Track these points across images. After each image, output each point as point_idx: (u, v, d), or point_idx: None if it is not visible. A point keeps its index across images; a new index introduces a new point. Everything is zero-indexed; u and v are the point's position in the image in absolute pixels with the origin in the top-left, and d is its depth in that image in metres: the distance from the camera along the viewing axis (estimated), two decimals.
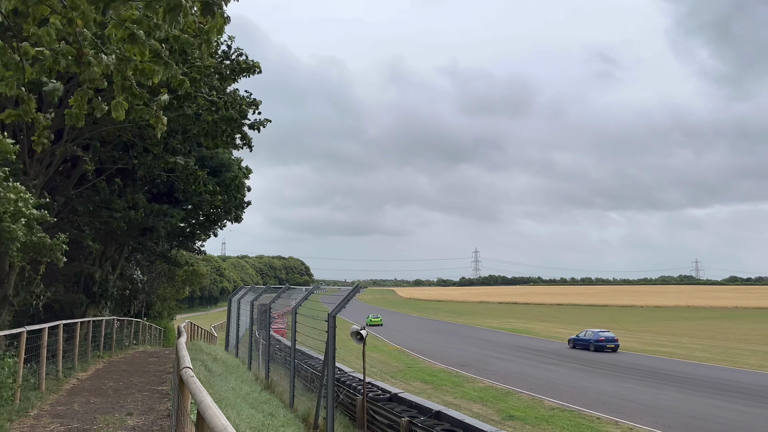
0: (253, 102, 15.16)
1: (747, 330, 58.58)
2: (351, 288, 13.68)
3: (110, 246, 19.17)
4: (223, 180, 17.37)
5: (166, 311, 37.62)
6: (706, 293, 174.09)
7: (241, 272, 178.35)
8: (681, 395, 22.34)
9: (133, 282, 24.36)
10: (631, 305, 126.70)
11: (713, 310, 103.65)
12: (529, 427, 17.37)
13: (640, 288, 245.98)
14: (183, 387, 4.29)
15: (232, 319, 26.82)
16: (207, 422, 2.71)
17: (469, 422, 12.70)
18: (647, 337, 52.18)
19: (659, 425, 17.18)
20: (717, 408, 19.80)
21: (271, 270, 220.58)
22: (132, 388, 11.72)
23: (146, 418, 8.71)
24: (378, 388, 17.78)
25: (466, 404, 20.89)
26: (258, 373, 19.83)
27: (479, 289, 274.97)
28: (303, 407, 15.22)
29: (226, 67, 13.53)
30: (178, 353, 6.26)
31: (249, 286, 26.29)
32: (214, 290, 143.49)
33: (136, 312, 29.60)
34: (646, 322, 74.89)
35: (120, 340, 20.89)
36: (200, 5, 3.61)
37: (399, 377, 27.90)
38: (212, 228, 20.91)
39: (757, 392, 22.94)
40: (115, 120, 4.41)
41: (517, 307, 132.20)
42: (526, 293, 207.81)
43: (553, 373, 29.07)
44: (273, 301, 19.04)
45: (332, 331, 12.80)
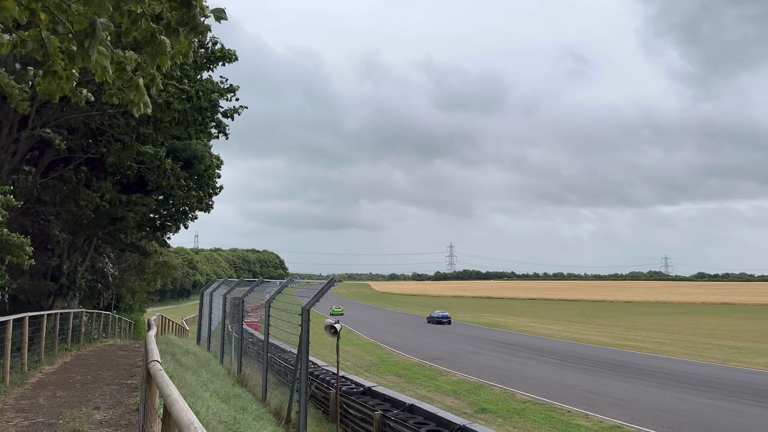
0: (229, 88, 14.87)
1: (714, 325, 60.02)
2: (326, 281, 13.60)
3: (79, 237, 18.74)
4: (195, 171, 17.06)
5: (136, 304, 37.04)
6: (675, 289, 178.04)
7: (214, 265, 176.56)
8: (649, 389, 22.77)
9: (103, 274, 23.89)
10: (602, 300, 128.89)
11: (682, 306, 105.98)
12: (501, 420, 17.53)
13: (610, 283, 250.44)
14: (150, 381, 4.19)
15: (204, 312, 26.51)
16: (173, 417, 2.64)
17: (442, 415, 12.75)
18: (617, 331, 53.11)
19: (628, 418, 17.49)
20: (683, 401, 20.24)
21: (245, 263, 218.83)
22: (100, 382, 11.49)
23: (114, 412, 8.54)
24: (352, 382, 17.76)
25: (440, 397, 21.00)
26: (230, 367, 19.64)
27: (454, 284, 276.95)
28: (276, 401, 15.12)
29: (202, 56, 13.27)
30: (147, 346, 6.13)
31: (222, 279, 26.02)
32: (186, 283, 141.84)
33: (105, 305, 29.07)
34: (616, 316, 76.23)
35: (89, 333, 20.48)
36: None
37: (373, 371, 27.92)
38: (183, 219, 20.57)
39: (722, 385, 23.51)
40: (82, 107, 4.20)
41: (491, 302, 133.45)
42: (499, 288, 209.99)
43: (525, 366, 29.39)
44: (246, 294, 18.85)
45: (306, 324, 12.70)
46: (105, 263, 23.74)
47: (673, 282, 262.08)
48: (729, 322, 64.56)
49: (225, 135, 14.69)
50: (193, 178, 17.89)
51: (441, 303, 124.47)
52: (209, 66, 13.07)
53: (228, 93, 14.29)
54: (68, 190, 14.65)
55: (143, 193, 16.84)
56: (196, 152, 16.34)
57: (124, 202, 15.72)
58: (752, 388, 22.81)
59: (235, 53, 13.56)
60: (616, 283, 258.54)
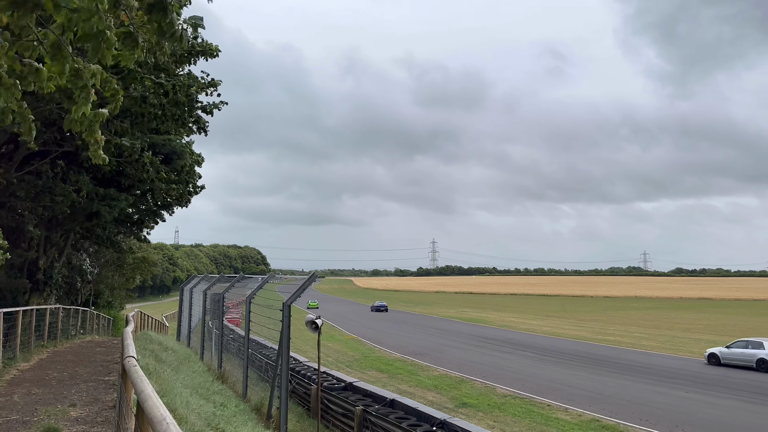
0: (211, 83, 14.61)
1: (691, 319, 61.02)
2: (307, 277, 13.53)
3: (55, 232, 18.44)
4: (175, 167, 16.83)
5: (116, 300, 36.59)
6: (654, 284, 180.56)
7: (194, 261, 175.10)
8: (627, 382, 23.08)
9: (80, 270, 23.53)
10: (582, 295, 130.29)
11: (660, 301, 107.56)
12: (482, 414, 17.64)
13: (590, 278, 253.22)
14: (126, 377, 4.13)
15: (185, 308, 26.28)
16: (146, 412, 2.59)
17: (423, 410, 12.80)
18: (596, 326, 53.73)
19: (606, 411, 17.71)
20: (660, 394, 20.54)
21: (226, 259, 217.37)
22: (77, 379, 11.32)
23: (90, 409, 8.42)
24: (333, 378, 17.74)
25: (421, 392, 21.07)
26: (211, 363, 19.50)
27: (436, 279, 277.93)
28: (256, 397, 15.05)
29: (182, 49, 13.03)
30: (123, 342, 6.05)
31: (202, 275, 25.78)
32: (166, 279, 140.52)
33: (83, 301, 28.66)
34: (595, 311, 77.11)
35: (66, 329, 20.18)
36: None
37: (355, 366, 27.92)
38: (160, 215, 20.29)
39: (698, 379, 23.91)
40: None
41: (473, 297, 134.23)
42: (481, 283, 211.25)
43: (505, 361, 29.61)
44: (226, 290, 18.71)
45: (287, 320, 12.64)
46: (82, 259, 23.40)
47: (651, 277, 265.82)
48: (706, 316, 65.68)
49: (204, 132, 14.45)
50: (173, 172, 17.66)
51: (423, 298, 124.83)
52: (190, 60, 12.85)
53: (209, 88, 14.07)
54: (43, 185, 14.37)
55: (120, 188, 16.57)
56: (175, 148, 16.12)
57: (100, 196, 15.45)
58: (727, 382, 23.23)
59: (217, 48, 13.30)
60: (595, 278, 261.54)
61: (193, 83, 13.03)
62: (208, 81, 13.71)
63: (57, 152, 15.72)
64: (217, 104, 13.96)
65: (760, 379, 23.94)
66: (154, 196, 18.96)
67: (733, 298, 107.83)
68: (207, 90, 13.94)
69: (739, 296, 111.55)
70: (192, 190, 18.63)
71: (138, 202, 19.09)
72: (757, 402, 19.16)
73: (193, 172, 18.19)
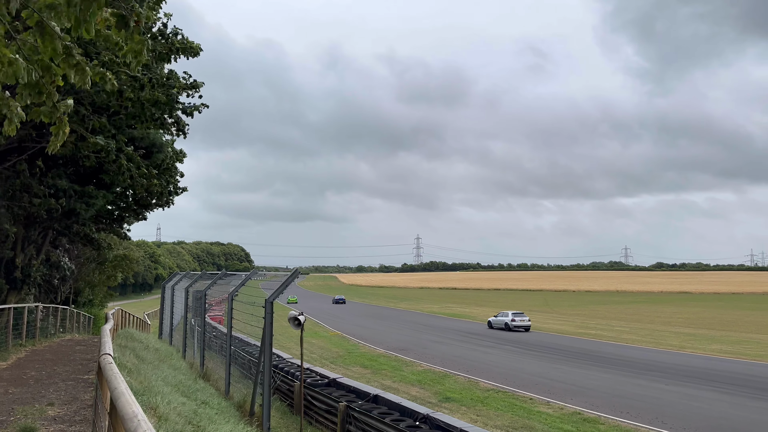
0: (192, 84, 14.40)
1: (671, 313, 61.88)
2: (290, 273, 13.48)
3: (33, 230, 18.16)
4: (155, 161, 16.60)
5: (96, 298, 36.19)
6: (635, 278, 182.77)
7: (177, 258, 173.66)
8: (608, 375, 23.35)
9: (59, 268, 23.21)
10: (564, 290, 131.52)
11: (641, 295, 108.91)
12: (465, 408, 17.73)
13: (572, 273, 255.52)
14: (101, 375, 4.08)
15: (166, 306, 26.09)
16: (118, 410, 2.56)
17: (406, 405, 12.82)
18: (578, 320, 54.29)
19: (588, 404, 17.90)
20: (640, 387, 20.81)
21: (210, 256, 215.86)
22: (55, 378, 11.18)
23: (69, 408, 8.32)
24: (317, 374, 17.71)
25: (405, 387, 21.12)
26: (193, 361, 19.37)
27: (421, 275, 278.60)
28: (239, 395, 14.98)
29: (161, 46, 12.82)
30: (101, 340, 5.97)
31: (184, 273, 25.59)
32: (148, 277, 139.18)
33: (63, 299, 28.29)
34: (577, 305, 77.90)
35: (45, 328, 19.91)
36: (114, 20, 3.27)
37: (339, 363, 27.91)
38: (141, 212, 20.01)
39: (677, 371, 24.26)
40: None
41: (457, 293, 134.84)
42: (465, 279, 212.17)
43: (489, 355, 29.79)
44: (208, 287, 18.59)
45: (269, 317, 12.59)
46: (61, 256, 23.08)
47: (632, 272, 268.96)
48: (685, 310, 66.65)
49: (184, 134, 14.23)
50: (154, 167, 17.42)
51: (408, 294, 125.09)
52: (170, 57, 12.63)
53: (191, 89, 13.86)
54: (20, 183, 14.08)
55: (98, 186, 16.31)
56: (155, 141, 15.88)
57: (78, 194, 15.19)
58: (706, 374, 23.61)
59: (199, 46, 13.04)
60: (577, 273, 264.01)
61: (174, 83, 12.82)
62: (190, 82, 13.50)
63: (35, 148, 15.45)
64: (197, 106, 13.76)
65: (734, 370, 24.32)
66: (134, 192, 18.71)
67: (712, 292, 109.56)
68: (189, 91, 13.73)
69: (718, 290, 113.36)
70: (173, 189, 18.39)
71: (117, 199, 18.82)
72: (737, 394, 19.48)
73: (174, 169, 17.95)
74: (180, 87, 13.65)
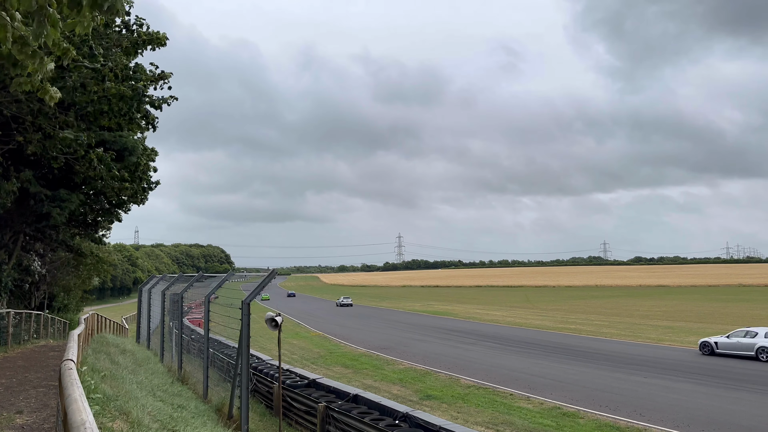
0: (161, 75, 14.08)
1: (649, 306, 62.70)
2: (266, 274, 13.33)
3: (3, 234, 17.74)
4: (127, 164, 16.30)
5: (72, 303, 35.51)
6: (613, 273, 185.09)
7: (156, 261, 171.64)
8: (587, 369, 23.54)
9: (30, 273, 22.73)
10: (545, 285, 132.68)
11: (619, 289, 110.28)
12: (446, 405, 17.73)
13: (552, 269, 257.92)
14: (60, 381, 3.95)
15: (143, 309, 25.69)
16: (68, 417, 2.45)
17: (385, 404, 12.77)
18: (558, 315, 54.74)
19: (567, 399, 18.01)
20: (619, 380, 21.01)
21: (189, 258, 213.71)
22: (26, 385, 10.91)
23: (38, 415, 8.11)
24: (296, 375, 17.57)
25: (386, 386, 21.07)
26: (171, 365, 19.08)
27: (402, 274, 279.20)
28: (217, 398, 14.78)
29: (128, 39, 12.53)
30: (67, 345, 5.81)
31: (161, 275, 25.23)
32: (126, 280, 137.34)
33: (37, 304, 27.74)
34: (557, 301, 78.57)
35: (17, 334, 19.48)
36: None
37: (320, 363, 27.76)
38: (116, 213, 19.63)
39: (656, 364, 24.55)
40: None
41: (439, 290, 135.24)
42: (447, 276, 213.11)
43: (469, 352, 29.87)
44: (185, 290, 18.32)
45: (246, 318, 12.43)
46: (33, 261, 22.62)
47: (611, 266, 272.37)
48: (663, 303, 67.61)
49: (153, 127, 13.95)
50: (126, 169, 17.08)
51: (390, 293, 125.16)
52: (136, 50, 12.35)
53: (159, 81, 13.60)
54: None
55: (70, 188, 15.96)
56: (126, 144, 15.57)
57: (50, 197, 14.83)
58: (684, 366, 23.93)
59: (165, 36, 12.75)
60: (557, 268, 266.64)
61: (141, 76, 12.54)
62: (158, 73, 13.21)
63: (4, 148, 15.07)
64: (166, 98, 13.49)
65: (714, 362, 24.74)
66: (106, 195, 18.37)
67: (690, 285, 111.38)
68: (156, 83, 13.45)
69: (695, 283, 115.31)
70: (147, 186, 18.07)
71: (90, 201, 18.44)
72: (713, 385, 19.77)
73: (147, 167, 17.63)
74: (147, 79, 13.36)
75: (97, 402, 7.19)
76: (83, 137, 11.75)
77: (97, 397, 7.45)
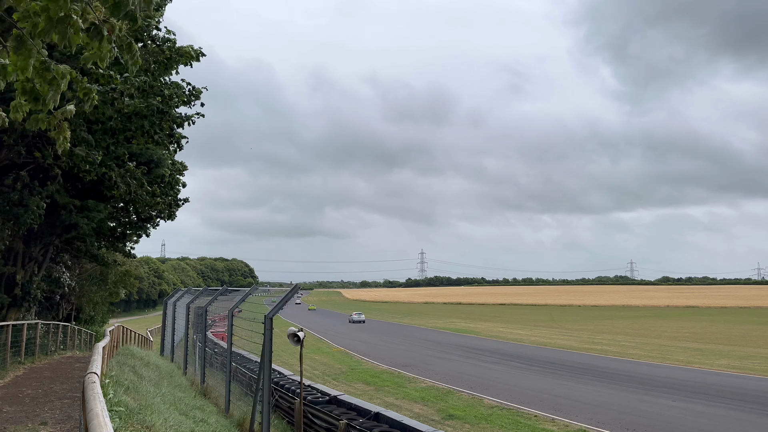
0: (193, 92, 14.17)
1: (678, 328, 61.25)
2: (289, 289, 13.34)
3: (34, 246, 18.10)
4: (155, 176, 16.52)
5: (98, 315, 36.04)
6: (640, 293, 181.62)
7: (181, 274, 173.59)
8: (614, 391, 23.00)
9: (60, 284, 23.13)
10: (570, 305, 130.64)
11: (646, 309, 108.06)
12: (469, 426, 17.45)
13: (578, 288, 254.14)
14: (84, 394, 3.95)
15: (168, 322, 25.94)
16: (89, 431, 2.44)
17: (407, 423, 12.59)
18: (584, 335, 53.76)
19: (593, 421, 17.59)
20: (647, 403, 20.47)
21: (213, 272, 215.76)
22: (51, 396, 11.04)
23: (61, 427, 8.18)
24: (317, 391, 17.47)
25: (407, 405, 20.84)
26: (194, 378, 19.17)
27: (425, 290, 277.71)
28: (239, 412, 14.77)
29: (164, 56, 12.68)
30: (92, 357, 5.85)
31: (186, 289, 25.48)
32: (152, 293, 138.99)
33: (65, 316, 28.18)
34: (583, 320, 77.24)
35: (45, 345, 19.78)
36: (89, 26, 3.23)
37: (341, 379, 27.62)
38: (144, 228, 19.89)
39: (684, 387, 23.88)
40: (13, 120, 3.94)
41: (461, 308, 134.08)
42: (469, 294, 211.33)
43: (493, 371, 29.44)
44: (209, 303, 18.46)
45: (269, 333, 12.42)
46: (62, 273, 23.01)
47: (638, 286, 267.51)
48: (692, 324, 65.99)
49: (179, 146, 14.11)
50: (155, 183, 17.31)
51: (412, 309, 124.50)
52: (169, 66, 12.47)
53: (192, 99, 13.76)
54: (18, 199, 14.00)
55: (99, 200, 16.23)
56: (152, 156, 15.82)
57: (78, 208, 15.08)
58: (714, 389, 23.23)
59: (200, 50, 12.80)
60: (583, 287, 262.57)
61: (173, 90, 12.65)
62: (191, 90, 13.35)
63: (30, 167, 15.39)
64: (190, 117, 13.65)
65: (747, 387, 23.99)
66: (136, 207, 18.63)
67: (720, 306, 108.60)
68: (192, 101, 13.60)
69: (726, 304, 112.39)
70: (174, 201, 18.29)
71: (118, 214, 18.73)
72: (745, 410, 19.15)
73: (175, 181, 17.85)
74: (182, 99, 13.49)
75: (120, 415, 7.23)
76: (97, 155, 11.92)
77: (119, 410, 7.49)
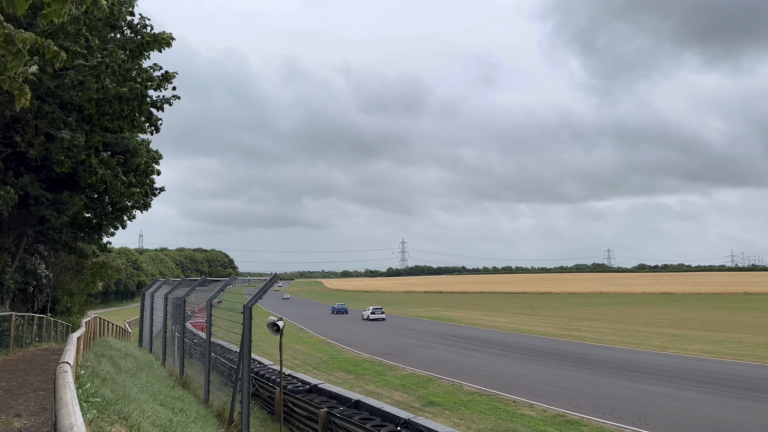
0: (165, 76, 13.95)
1: (653, 314, 62.35)
2: (268, 278, 13.28)
3: (6, 237, 17.74)
4: (131, 166, 16.24)
5: (75, 306, 35.54)
6: (617, 280, 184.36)
7: (160, 266, 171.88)
8: (591, 377, 23.37)
9: (35, 276, 22.72)
10: (548, 292, 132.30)
11: (623, 296, 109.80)
12: (448, 412, 17.60)
13: (556, 276, 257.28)
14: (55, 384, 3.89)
15: (146, 313, 25.67)
16: (57, 420, 2.39)
17: (387, 410, 12.66)
18: (562, 322, 54.48)
19: (571, 406, 17.87)
20: (623, 388, 20.84)
21: (192, 263, 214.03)
22: (26, 388, 10.87)
23: (36, 419, 8.05)
24: (298, 380, 17.48)
25: (388, 392, 20.95)
26: (173, 369, 19.03)
27: (406, 279, 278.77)
28: (219, 402, 14.72)
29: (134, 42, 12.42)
30: (65, 348, 5.76)
31: (164, 279, 25.22)
32: (130, 284, 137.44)
33: (40, 308, 27.75)
34: (561, 308, 78.25)
35: (19, 337, 19.45)
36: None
37: (322, 368, 27.65)
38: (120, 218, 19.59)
39: (660, 372, 24.36)
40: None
41: (442, 296, 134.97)
42: (450, 282, 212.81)
43: (473, 358, 29.72)
44: (187, 294, 18.31)
45: (248, 322, 12.37)
46: (37, 264, 22.60)
47: (615, 273, 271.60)
48: (668, 311, 67.24)
49: (156, 129, 13.87)
50: (131, 173, 17.02)
51: (393, 298, 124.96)
52: (141, 52, 12.24)
53: (164, 82, 13.54)
54: None
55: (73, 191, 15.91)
56: (128, 146, 15.52)
57: (51, 201, 14.77)
58: (689, 374, 23.73)
59: (171, 36, 12.60)
60: (561, 275, 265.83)
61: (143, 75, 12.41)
62: (162, 74, 13.12)
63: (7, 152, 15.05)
64: (168, 99, 13.43)
65: (722, 370, 24.53)
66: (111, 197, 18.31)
67: (694, 293, 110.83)
68: (163, 85, 13.38)
69: (700, 290, 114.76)
70: (150, 190, 18.03)
71: (94, 204, 18.39)
72: (719, 394, 19.59)
73: (151, 170, 17.57)
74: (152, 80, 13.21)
75: (96, 406, 7.13)
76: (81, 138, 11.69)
77: (96, 401, 7.40)
